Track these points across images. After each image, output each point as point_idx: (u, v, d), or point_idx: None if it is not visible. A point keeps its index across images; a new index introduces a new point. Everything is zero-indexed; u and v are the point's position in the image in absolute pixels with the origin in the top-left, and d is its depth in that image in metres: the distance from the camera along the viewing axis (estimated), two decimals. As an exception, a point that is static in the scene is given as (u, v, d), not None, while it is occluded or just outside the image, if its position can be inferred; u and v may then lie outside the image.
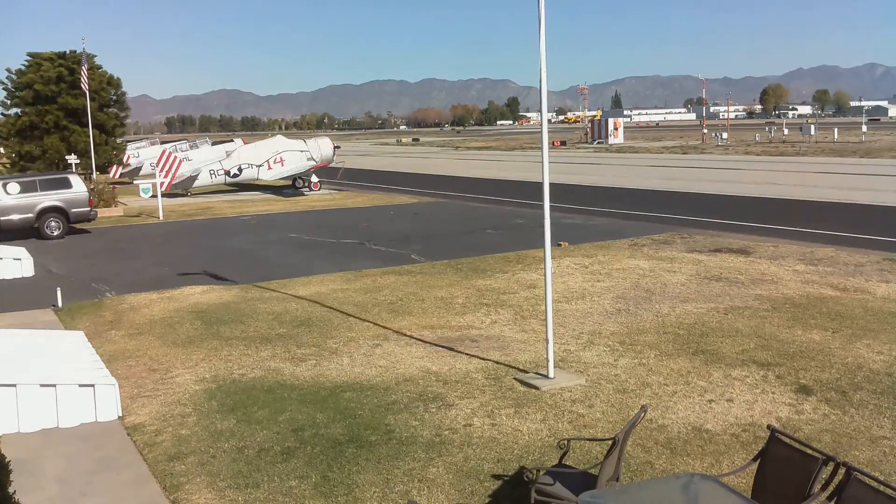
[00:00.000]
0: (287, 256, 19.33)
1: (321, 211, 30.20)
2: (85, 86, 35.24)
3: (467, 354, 10.46)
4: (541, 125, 9.61)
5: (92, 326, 12.68)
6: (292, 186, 39.77)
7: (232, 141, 52.93)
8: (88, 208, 25.05)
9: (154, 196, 29.66)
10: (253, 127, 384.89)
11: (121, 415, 8.65)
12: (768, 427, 5.32)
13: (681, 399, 8.57)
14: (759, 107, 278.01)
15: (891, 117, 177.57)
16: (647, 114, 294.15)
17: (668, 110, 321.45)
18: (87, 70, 36.02)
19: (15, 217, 23.80)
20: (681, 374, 9.37)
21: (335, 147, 41.57)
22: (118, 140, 43.24)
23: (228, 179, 38.72)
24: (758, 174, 39.40)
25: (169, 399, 9.19)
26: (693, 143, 76.50)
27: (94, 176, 35.95)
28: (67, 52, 40.24)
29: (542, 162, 9.39)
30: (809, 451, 5.05)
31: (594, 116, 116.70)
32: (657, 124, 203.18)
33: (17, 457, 7.26)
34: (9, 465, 4.83)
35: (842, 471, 4.69)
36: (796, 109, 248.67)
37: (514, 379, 9.40)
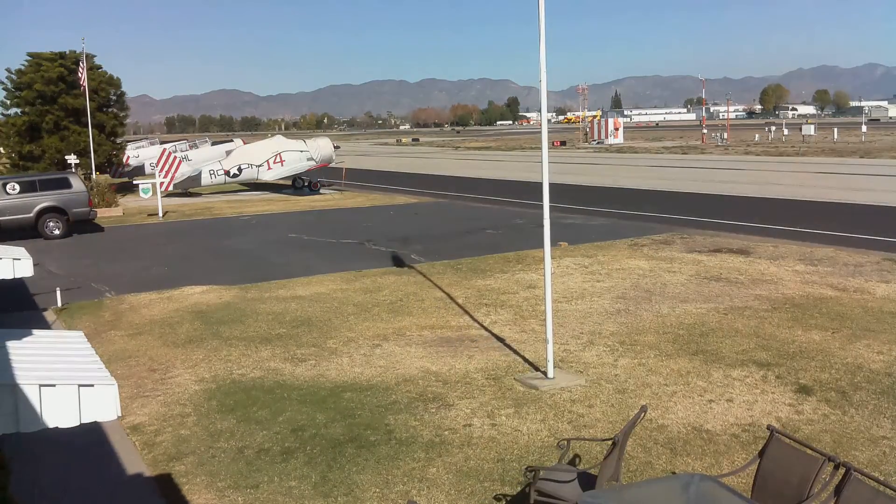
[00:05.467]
0: (287, 256, 19.32)
1: (321, 211, 30.20)
2: (84, 82, 35.16)
3: (467, 354, 10.46)
4: (541, 125, 9.61)
5: (92, 326, 12.68)
6: (292, 186, 39.79)
7: (232, 141, 52.94)
8: (88, 208, 25.06)
9: (154, 196, 29.70)
10: (253, 127, 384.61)
11: (120, 415, 8.64)
12: (768, 427, 5.32)
13: (681, 399, 8.57)
14: (759, 107, 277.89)
15: (890, 117, 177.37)
16: (646, 114, 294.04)
17: (667, 110, 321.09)
18: (87, 70, 35.98)
19: (14, 217, 23.80)
20: (681, 375, 9.36)
21: (335, 147, 41.60)
22: (118, 140, 43.23)
23: (228, 179, 38.72)
24: (758, 174, 39.41)
25: (169, 399, 9.19)
26: (693, 144, 76.50)
27: (94, 176, 35.93)
28: (67, 52, 40.25)
29: (541, 162, 9.39)
30: (809, 452, 5.05)
31: (594, 116, 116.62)
32: (657, 124, 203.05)
33: (17, 457, 7.26)
34: (9, 465, 4.83)
35: (842, 471, 4.68)
36: (796, 109, 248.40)
37: (514, 379, 9.40)
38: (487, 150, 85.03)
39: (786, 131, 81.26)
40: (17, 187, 24.25)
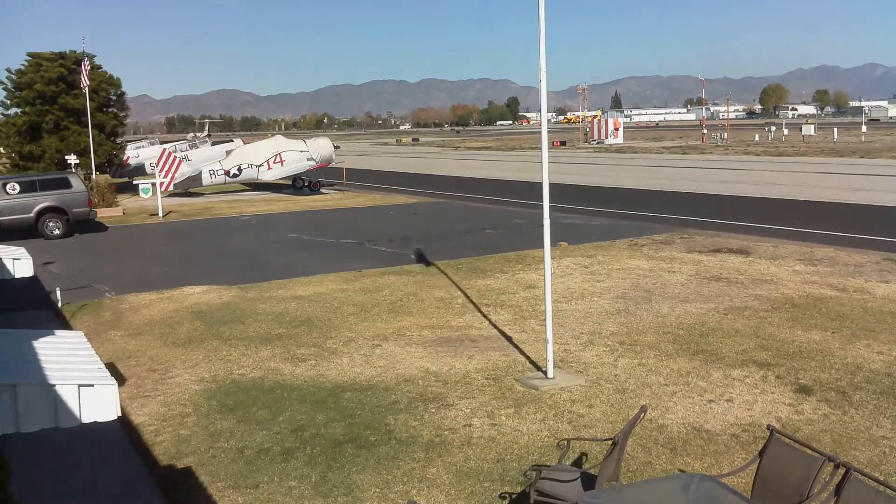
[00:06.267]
0: (287, 256, 19.32)
1: (321, 211, 30.20)
2: (86, 80, 35.14)
3: (467, 354, 10.46)
4: (541, 125, 9.61)
5: (92, 326, 12.67)
6: (292, 186, 39.81)
7: (232, 141, 52.95)
8: (88, 208, 25.06)
9: (154, 196, 29.72)
10: (253, 127, 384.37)
11: (120, 415, 8.64)
12: (768, 427, 5.32)
13: (681, 399, 8.57)
14: (759, 107, 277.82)
15: (890, 117, 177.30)
16: (646, 114, 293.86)
17: (667, 110, 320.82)
18: (88, 70, 35.97)
19: (14, 217, 23.81)
20: (680, 375, 9.36)
21: (335, 147, 41.62)
22: (118, 140, 43.25)
23: (228, 179, 38.74)
24: (757, 174, 39.40)
25: (169, 399, 9.19)
26: (693, 144, 76.50)
27: (94, 176, 35.93)
28: (67, 52, 40.25)
29: (541, 162, 9.39)
30: (809, 452, 5.05)
31: (594, 116, 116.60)
32: (657, 124, 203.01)
33: (17, 457, 7.26)
34: (9, 465, 4.83)
35: (842, 471, 4.69)
36: (796, 109, 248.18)
37: (514, 379, 9.41)
38: (487, 150, 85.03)
39: (786, 131, 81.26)
40: (17, 187, 24.26)
